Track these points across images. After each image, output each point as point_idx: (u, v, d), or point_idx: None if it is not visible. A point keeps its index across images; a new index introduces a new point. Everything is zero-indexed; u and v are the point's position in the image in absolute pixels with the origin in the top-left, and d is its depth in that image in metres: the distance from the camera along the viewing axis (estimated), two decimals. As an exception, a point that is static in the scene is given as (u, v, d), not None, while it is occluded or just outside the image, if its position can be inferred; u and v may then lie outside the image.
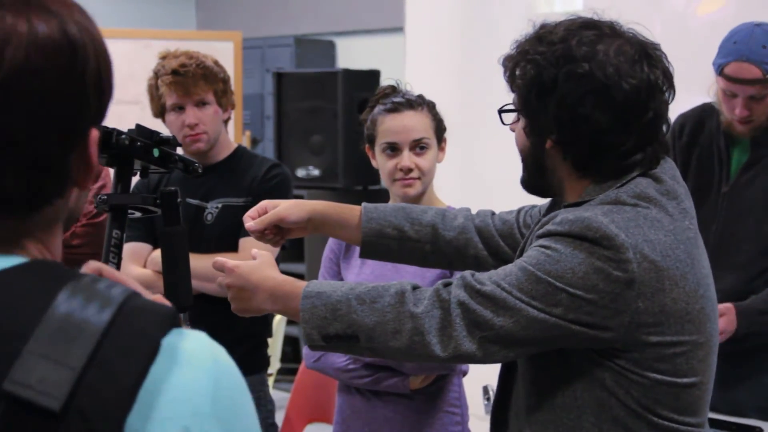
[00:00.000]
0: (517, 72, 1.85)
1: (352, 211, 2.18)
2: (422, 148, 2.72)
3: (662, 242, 1.74)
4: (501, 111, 1.92)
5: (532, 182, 1.93)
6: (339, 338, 1.79)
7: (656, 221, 1.76)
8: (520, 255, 1.86)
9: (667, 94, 1.83)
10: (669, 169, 1.87)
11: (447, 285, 1.79)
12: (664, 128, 1.85)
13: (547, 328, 1.72)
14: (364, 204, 2.18)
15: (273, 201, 2.12)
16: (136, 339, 0.95)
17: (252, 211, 2.11)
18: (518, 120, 1.90)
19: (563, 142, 1.83)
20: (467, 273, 1.79)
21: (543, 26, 1.88)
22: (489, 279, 1.76)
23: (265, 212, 2.10)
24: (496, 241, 2.17)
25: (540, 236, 1.78)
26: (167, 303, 1.03)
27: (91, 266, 1.07)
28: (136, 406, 0.93)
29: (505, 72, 1.89)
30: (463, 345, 1.73)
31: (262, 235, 2.09)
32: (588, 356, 1.78)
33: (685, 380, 1.79)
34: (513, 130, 1.93)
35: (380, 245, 2.16)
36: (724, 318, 3.01)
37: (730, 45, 3.02)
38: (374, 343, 1.77)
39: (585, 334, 1.72)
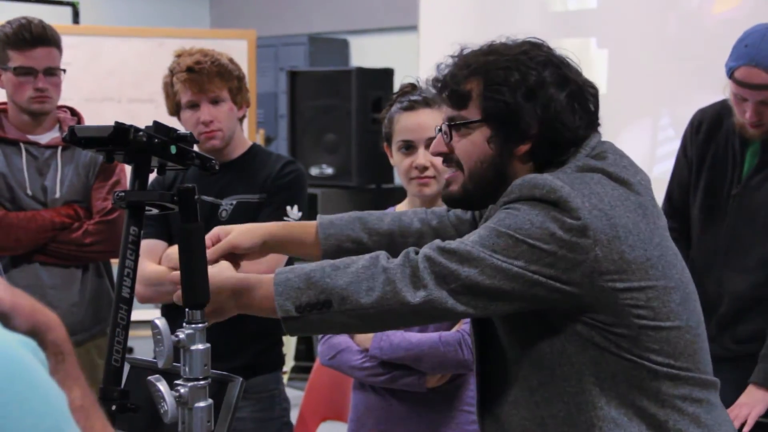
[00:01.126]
0: (476, 84, 1.89)
1: (306, 229, 2.19)
2: (438, 145, 2.72)
3: (609, 194, 1.81)
4: (458, 124, 1.93)
5: (478, 194, 1.95)
6: (311, 306, 1.81)
7: (601, 181, 1.84)
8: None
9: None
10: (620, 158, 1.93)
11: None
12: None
13: (511, 277, 1.77)
14: (319, 219, 2.20)
15: (225, 228, 2.13)
16: None
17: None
18: (459, 136, 1.93)
19: (543, 143, 1.88)
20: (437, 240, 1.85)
21: (491, 45, 1.96)
22: (455, 240, 1.82)
23: (218, 240, 2.09)
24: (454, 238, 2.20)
25: (496, 208, 1.86)
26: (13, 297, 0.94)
27: None
28: None
29: (449, 91, 1.93)
30: (434, 292, 1.77)
31: (215, 263, 2.09)
32: (569, 318, 1.82)
33: (668, 323, 1.83)
34: (445, 151, 1.96)
35: None
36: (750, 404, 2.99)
37: (741, 48, 3.00)
38: (347, 304, 1.80)
39: (550, 287, 1.77)
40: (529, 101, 1.86)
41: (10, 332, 0.92)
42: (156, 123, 1.78)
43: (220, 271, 1.93)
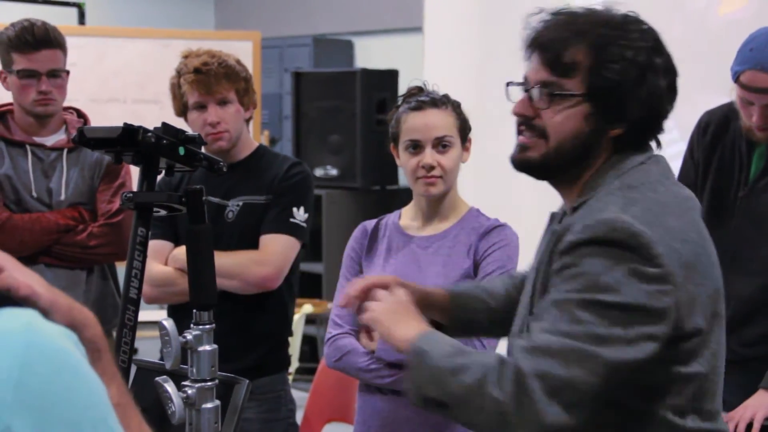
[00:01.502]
0: (582, 55, 1.78)
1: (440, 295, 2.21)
2: (445, 146, 2.72)
3: (677, 228, 1.74)
4: (557, 94, 1.80)
5: (557, 167, 1.85)
6: (434, 401, 1.79)
7: (666, 206, 1.76)
8: (544, 275, 1.81)
9: None
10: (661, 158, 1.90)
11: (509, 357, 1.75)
12: None
13: (620, 363, 1.67)
14: (449, 289, 2.21)
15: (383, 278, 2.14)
16: None
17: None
18: (555, 105, 1.81)
19: (637, 129, 1.81)
20: (517, 340, 1.75)
21: (594, 11, 1.84)
22: (540, 331, 1.71)
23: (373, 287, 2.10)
24: None
25: (564, 252, 1.73)
26: (32, 282, 0.95)
27: None
28: None
29: (549, 53, 1.80)
30: (547, 417, 1.67)
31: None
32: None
33: (704, 368, 1.79)
34: (535, 115, 1.84)
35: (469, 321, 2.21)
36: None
37: (746, 52, 2.99)
38: (461, 414, 1.78)
39: (652, 350, 1.69)
40: (639, 85, 1.78)
41: (55, 324, 0.93)
42: (164, 124, 1.79)
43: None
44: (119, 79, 5.79)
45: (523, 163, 1.88)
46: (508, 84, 1.91)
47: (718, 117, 3.23)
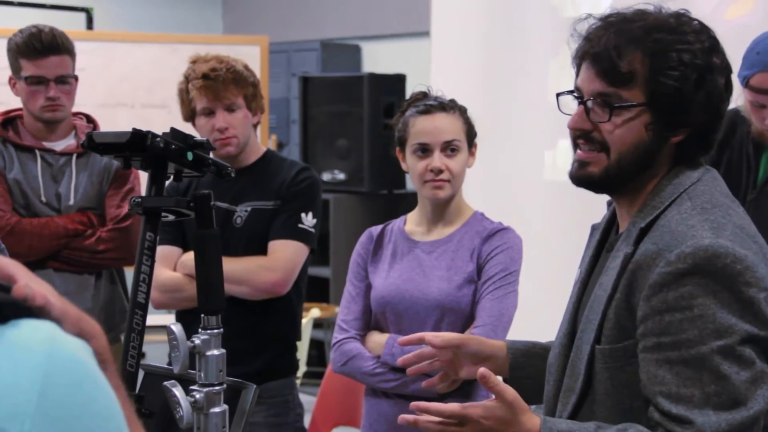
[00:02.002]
0: (641, 63, 1.72)
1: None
2: (453, 150, 2.73)
3: (757, 252, 1.70)
4: (618, 107, 1.74)
5: (620, 180, 1.78)
6: None
7: (743, 228, 1.72)
8: (622, 305, 1.73)
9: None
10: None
11: None
12: None
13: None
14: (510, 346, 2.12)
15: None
16: None
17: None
18: (617, 116, 1.75)
19: (698, 134, 1.77)
20: (676, 428, 1.64)
21: (644, 13, 1.77)
22: (685, 402, 1.63)
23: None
24: None
25: (663, 285, 1.66)
26: (43, 292, 0.95)
27: None
28: None
29: (605, 63, 1.73)
30: None
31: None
32: None
33: None
34: (601, 127, 1.77)
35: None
36: None
37: (753, 56, 3.01)
38: None
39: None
40: (699, 89, 1.72)
41: (73, 337, 0.94)
42: (173, 129, 1.79)
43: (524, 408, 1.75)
44: (127, 84, 5.80)
45: (584, 179, 1.81)
46: (558, 94, 1.85)
47: (725, 122, 3.23)
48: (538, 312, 3.41)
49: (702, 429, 1.60)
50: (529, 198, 4.73)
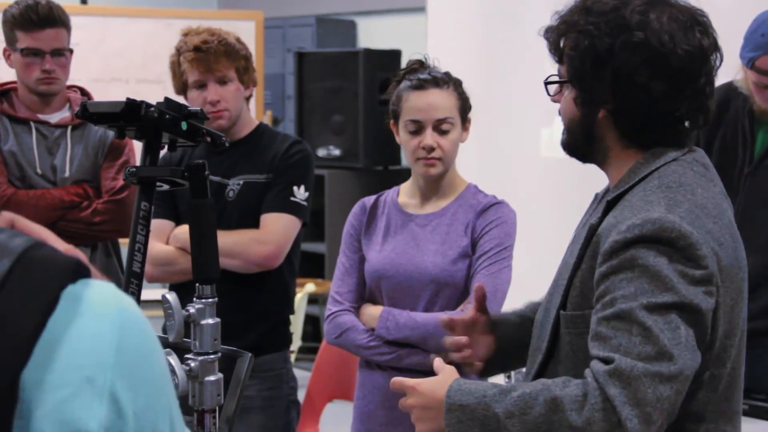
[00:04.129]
0: (565, 42, 1.86)
1: None
2: (445, 128, 2.72)
3: (714, 231, 1.75)
4: (547, 83, 1.92)
5: (574, 147, 1.93)
6: None
7: (704, 208, 1.77)
8: (585, 273, 1.81)
9: (714, 60, 1.85)
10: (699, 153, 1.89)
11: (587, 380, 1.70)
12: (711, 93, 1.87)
13: (689, 355, 1.69)
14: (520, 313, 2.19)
15: None
16: (34, 289, 0.93)
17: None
18: (563, 91, 1.90)
19: (618, 111, 1.84)
20: (597, 365, 1.69)
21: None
22: (613, 350, 1.68)
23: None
24: None
25: (612, 252, 1.73)
26: (76, 253, 0.99)
27: (4, 217, 1.03)
28: (33, 358, 0.91)
29: (548, 44, 1.89)
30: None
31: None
32: None
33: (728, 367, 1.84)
34: (556, 101, 1.93)
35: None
36: None
37: (758, 38, 3.02)
38: None
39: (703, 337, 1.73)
40: (597, 69, 1.81)
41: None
42: (167, 99, 1.80)
43: (445, 381, 1.81)
44: (122, 59, 5.79)
45: (561, 145, 1.96)
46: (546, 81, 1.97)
47: (719, 97, 3.24)
48: (535, 287, 3.42)
49: (619, 365, 1.65)
50: (525, 174, 4.74)
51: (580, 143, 1.90)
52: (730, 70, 3.15)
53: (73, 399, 0.91)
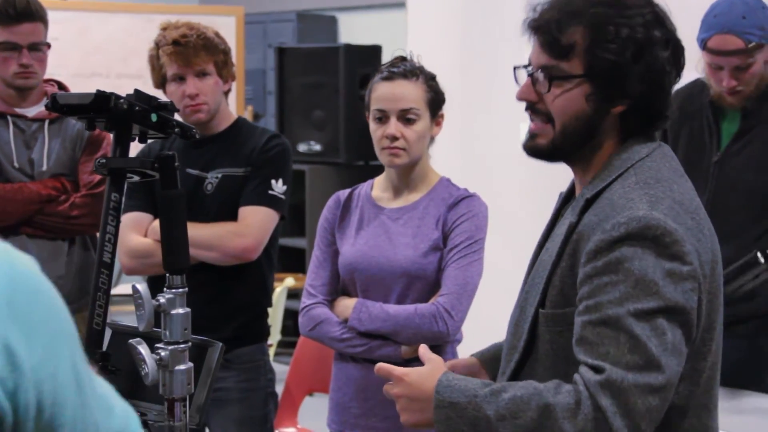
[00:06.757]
0: (580, 37, 1.78)
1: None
2: (410, 118, 2.74)
3: (693, 227, 1.76)
4: (556, 77, 1.81)
5: (567, 150, 1.85)
6: None
7: (682, 204, 1.77)
8: (564, 272, 1.80)
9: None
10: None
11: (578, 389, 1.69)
12: None
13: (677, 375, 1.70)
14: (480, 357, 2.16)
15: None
16: None
17: None
18: (562, 86, 1.81)
19: (636, 107, 1.81)
20: (588, 374, 1.68)
21: None
22: (601, 357, 1.68)
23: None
24: None
25: (597, 252, 1.72)
26: None
27: None
28: None
29: (547, 36, 1.80)
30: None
31: None
32: None
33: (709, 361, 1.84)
34: (548, 99, 1.83)
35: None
36: None
37: (711, 19, 3.07)
38: None
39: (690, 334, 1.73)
40: (637, 61, 1.76)
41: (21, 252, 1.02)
42: (137, 91, 1.81)
43: (433, 373, 1.81)
44: (102, 54, 5.80)
45: (533, 150, 1.88)
46: (515, 68, 1.90)
47: (683, 94, 3.29)
48: (513, 280, 3.44)
49: (610, 375, 1.65)
50: (504, 169, 4.76)
51: (576, 142, 1.83)
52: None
53: None
